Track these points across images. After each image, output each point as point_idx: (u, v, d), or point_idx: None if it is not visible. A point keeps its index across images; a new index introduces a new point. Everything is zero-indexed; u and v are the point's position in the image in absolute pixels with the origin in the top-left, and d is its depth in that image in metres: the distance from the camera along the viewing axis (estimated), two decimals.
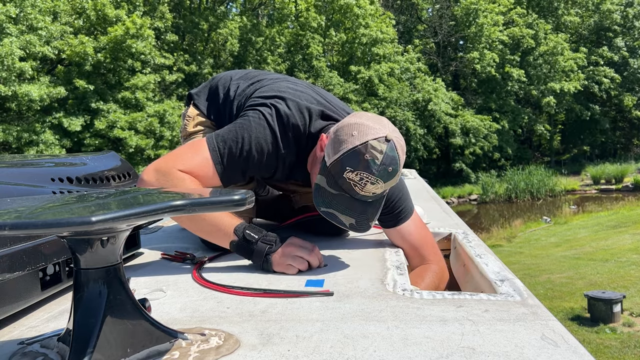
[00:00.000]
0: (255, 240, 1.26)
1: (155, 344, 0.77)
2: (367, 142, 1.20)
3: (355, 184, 1.22)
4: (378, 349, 0.79)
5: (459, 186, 23.33)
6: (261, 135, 1.36)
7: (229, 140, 1.36)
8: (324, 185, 1.27)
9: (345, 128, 1.25)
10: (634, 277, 7.19)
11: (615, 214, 14.19)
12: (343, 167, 1.22)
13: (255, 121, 1.38)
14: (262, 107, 1.41)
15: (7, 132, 14.58)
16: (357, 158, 1.20)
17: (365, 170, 1.20)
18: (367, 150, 1.19)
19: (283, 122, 1.39)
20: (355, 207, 1.25)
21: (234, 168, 1.37)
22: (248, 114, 1.41)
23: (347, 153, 1.21)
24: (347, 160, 1.21)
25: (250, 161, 1.37)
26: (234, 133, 1.37)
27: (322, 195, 1.27)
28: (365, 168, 1.20)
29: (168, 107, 17.05)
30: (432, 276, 1.41)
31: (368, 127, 1.23)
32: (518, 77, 25.20)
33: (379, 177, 1.20)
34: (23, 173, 1.25)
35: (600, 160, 26.89)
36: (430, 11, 30.41)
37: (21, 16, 14.63)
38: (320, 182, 1.27)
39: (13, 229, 0.61)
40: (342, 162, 1.22)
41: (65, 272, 1.12)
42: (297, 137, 1.41)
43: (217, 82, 1.73)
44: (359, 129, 1.23)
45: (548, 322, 0.89)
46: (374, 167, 1.19)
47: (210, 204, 0.74)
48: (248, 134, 1.36)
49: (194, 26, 21.13)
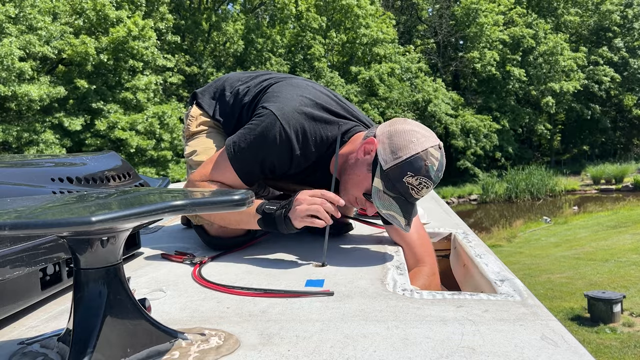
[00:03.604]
0: (274, 210, 1.35)
1: (155, 344, 0.77)
2: (427, 150, 1.28)
3: (413, 188, 1.29)
4: (378, 349, 0.79)
5: (459, 186, 23.33)
6: (270, 129, 1.39)
7: (240, 141, 1.42)
8: (382, 188, 1.32)
9: (402, 135, 1.31)
10: (634, 277, 7.19)
11: (615, 214, 14.19)
12: (404, 172, 1.28)
13: (265, 120, 1.40)
14: (272, 105, 1.43)
15: (7, 132, 14.57)
16: (418, 164, 1.27)
17: (425, 176, 1.28)
18: (428, 157, 1.28)
19: (294, 117, 1.41)
20: (408, 209, 1.33)
21: (250, 167, 1.44)
22: (260, 114, 1.43)
23: (409, 159, 1.27)
24: (409, 166, 1.28)
25: (265, 156, 1.42)
26: (244, 134, 1.43)
27: (381, 199, 1.33)
28: (425, 174, 1.28)
29: (167, 109, 17.04)
30: (424, 279, 1.43)
31: (423, 135, 1.31)
32: (519, 77, 25.20)
33: (434, 181, 1.30)
34: (23, 173, 1.25)
35: (600, 160, 26.88)
36: (431, 11, 30.42)
37: (21, 16, 14.62)
38: (378, 186, 1.32)
39: (13, 229, 0.61)
40: (403, 167, 1.28)
41: (65, 271, 1.12)
42: (314, 134, 1.44)
43: (223, 83, 1.74)
44: (416, 137, 1.30)
45: (548, 322, 0.89)
46: (432, 173, 1.29)
47: (210, 204, 0.74)
48: (257, 130, 1.40)
49: (195, 26, 21.13)
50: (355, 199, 1.42)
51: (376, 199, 1.33)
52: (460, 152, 24.22)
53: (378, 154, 1.33)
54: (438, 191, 17.51)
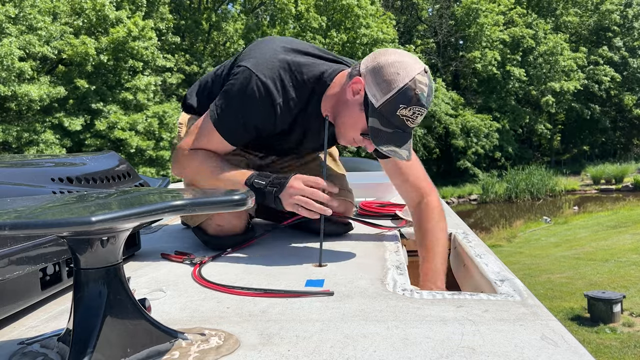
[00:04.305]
0: (263, 186, 1.35)
1: (155, 344, 0.77)
2: (414, 79, 1.28)
3: (408, 119, 1.31)
4: (378, 349, 0.79)
5: (459, 186, 23.32)
6: (247, 84, 1.39)
7: (220, 102, 1.44)
8: (378, 126, 1.32)
9: (387, 68, 1.30)
10: (634, 277, 7.19)
11: (615, 214, 14.19)
12: (396, 106, 1.28)
13: (240, 76, 1.41)
14: (246, 62, 1.42)
15: (7, 132, 14.56)
16: (409, 95, 1.27)
17: (417, 104, 1.29)
18: (416, 85, 1.28)
19: (268, 66, 1.40)
20: (406, 139, 1.34)
21: (232, 125, 1.45)
22: (235, 73, 1.44)
23: (399, 92, 1.27)
24: (400, 99, 1.28)
25: (246, 112, 1.42)
26: (223, 94, 1.44)
27: (379, 136, 1.32)
28: (417, 102, 1.28)
29: (168, 109, 17.04)
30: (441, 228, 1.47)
31: (407, 63, 1.30)
32: (519, 77, 25.19)
33: (426, 107, 1.31)
34: (23, 173, 1.25)
35: (600, 160, 26.86)
36: (431, 11, 30.41)
37: (21, 16, 14.61)
38: (374, 125, 1.32)
39: (13, 229, 0.61)
40: (394, 101, 1.28)
41: (65, 271, 1.12)
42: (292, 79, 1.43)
43: (207, 75, 1.74)
44: (402, 67, 1.29)
45: (548, 322, 0.89)
46: (423, 100, 1.29)
47: (210, 203, 0.74)
48: (234, 88, 1.41)
49: (195, 26, 21.11)
50: (353, 139, 1.43)
51: (374, 138, 1.33)
52: (460, 152, 24.21)
53: (367, 92, 1.32)
54: (438, 191, 17.48)
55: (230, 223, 1.53)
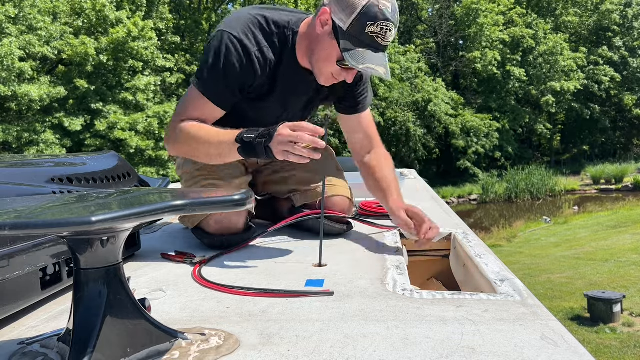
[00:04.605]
0: (253, 139, 1.37)
1: (155, 343, 0.77)
2: None
3: (378, 35, 1.36)
4: (378, 349, 0.79)
5: (459, 186, 23.32)
6: (221, 42, 1.47)
7: (201, 67, 1.51)
8: (350, 47, 1.38)
9: None
10: (634, 277, 7.19)
11: (615, 214, 14.19)
12: (364, 24, 1.35)
13: (215, 39, 1.49)
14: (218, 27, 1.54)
15: (7, 132, 14.56)
16: (373, 11, 1.34)
17: (383, 20, 1.35)
18: (379, 2, 1.34)
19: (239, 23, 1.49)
20: (381, 57, 1.39)
21: (216, 87, 1.50)
22: (209, 39, 1.53)
23: (363, 10, 1.34)
24: (365, 17, 1.34)
25: (226, 70, 1.47)
26: (202, 60, 1.52)
27: (353, 57, 1.38)
28: (383, 18, 1.35)
29: (168, 109, 17.03)
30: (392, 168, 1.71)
31: None
32: (519, 77, 25.19)
33: (394, 23, 1.37)
34: (23, 173, 1.25)
35: (600, 160, 26.85)
36: (431, 11, 30.41)
37: (21, 16, 14.61)
38: (346, 46, 1.38)
39: (13, 229, 0.61)
40: (360, 20, 1.34)
41: (65, 271, 1.12)
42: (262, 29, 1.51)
43: None
44: None
45: (548, 322, 0.89)
46: (389, 14, 1.35)
47: (211, 203, 0.74)
48: (211, 50, 1.48)
49: (195, 26, 21.11)
50: (331, 74, 1.49)
51: (349, 59, 1.38)
52: (460, 152, 24.21)
53: (334, 19, 1.39)
54: (438, 191, 17.50)
55: (230, 219, 1.53)
